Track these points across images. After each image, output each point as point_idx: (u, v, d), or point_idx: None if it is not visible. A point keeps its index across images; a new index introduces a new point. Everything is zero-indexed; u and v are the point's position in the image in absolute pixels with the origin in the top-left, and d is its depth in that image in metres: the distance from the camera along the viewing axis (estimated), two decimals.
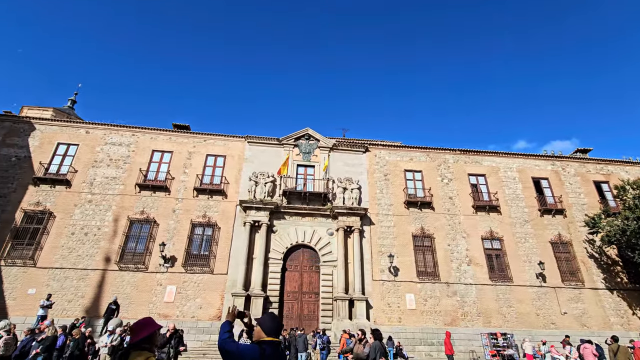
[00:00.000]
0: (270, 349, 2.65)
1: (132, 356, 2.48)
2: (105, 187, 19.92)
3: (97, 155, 20.76)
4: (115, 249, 18.41)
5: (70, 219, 18.78)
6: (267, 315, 3.01)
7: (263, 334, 2.76)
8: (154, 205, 19.85)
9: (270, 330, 2.79)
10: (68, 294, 17.05)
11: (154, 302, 17.52)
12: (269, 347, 2.66)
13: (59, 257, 17.85)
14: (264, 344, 2.69)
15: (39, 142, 20.59)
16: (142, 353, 2.50)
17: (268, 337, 2.75)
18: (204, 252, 19.18)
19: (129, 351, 2.56)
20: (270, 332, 2.78)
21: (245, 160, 21.98)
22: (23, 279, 17.12)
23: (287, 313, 18.39)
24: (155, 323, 2.80)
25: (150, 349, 2.61)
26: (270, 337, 2.75)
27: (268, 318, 2.92)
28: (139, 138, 21.73)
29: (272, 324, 2.84)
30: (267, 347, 2.65)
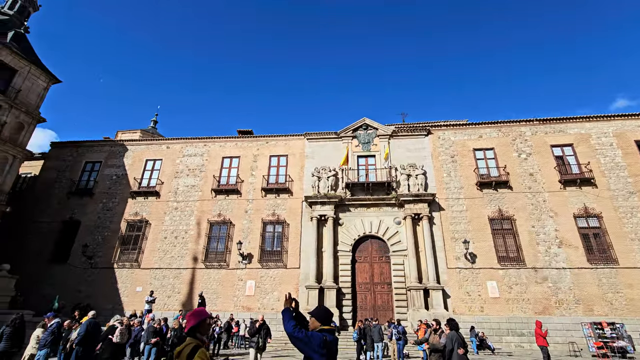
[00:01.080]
0: (329, 335, 3.06)
1: (184, 343, 2.74)
2: (187, 195, 22.20)
3: (177, 167, 23.21)
4: (200, 250, 20.46)
5: (162, 225, 21.37)
6: (319, 307, 3.41)
7: (318, 323, 3.17)
8: (228, 208, 21.53)
9: (324, 320, 3.21)
10: (167, 291, 19.49)
11: (237, 296, 19.07)
12: (328, 334, 3.07)
13: (157, 258, 20.47)
14: (323, 331, 3.08)
15: (131, 161, 23.76)
16: (192, 341, 2.73)
17: (324, 326, 3.15)
18: (276, 248, 20.25)
19: (185, 338, 2.85)
20: (324, 321, 3.20)
21: (306, 157, 22.53)
22: (131, 278, 20.06)
23: (361, 304, 18.52)
24: (204, 314, 2.99)
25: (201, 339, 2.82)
26: (326, 326, 3.16)
27: (321, 310, 3.32)
28: (210, 147, 23.72)
29: (325, 315, 3.26)
30: (327, 334, 3.05)
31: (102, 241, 21.17)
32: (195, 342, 2.71)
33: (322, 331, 3.07)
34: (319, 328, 3.14)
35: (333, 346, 3.08)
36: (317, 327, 3.15)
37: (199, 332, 2.85)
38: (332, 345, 3.06)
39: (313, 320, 3.22)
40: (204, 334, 2.92)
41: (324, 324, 3.16)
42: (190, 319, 2.89)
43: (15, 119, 19.79)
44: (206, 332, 2.99)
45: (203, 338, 2.85)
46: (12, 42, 20.78)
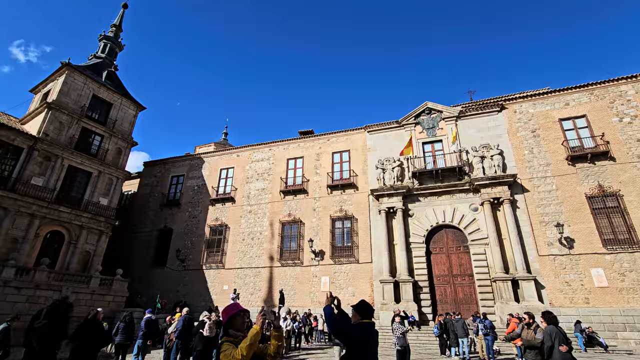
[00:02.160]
0: (368, 328, 3.34)
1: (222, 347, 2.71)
2: (258, 198, 23.52)
3: (247, 172, 24.74)
4: (275, 249, 21.49)
5: (239, 228, 22.98)
6: (360, 302, 3.62)
7: (359, 317, 3.44)
8: (297, 207, 22.24)
9: (364, 314, 3.48)
10: (249, 288, 20.88)
11: (313, 292, 19.58)
12: (368, 327, 3.36)
13: (238, 259, 22.08)
14: (364, 325, 3.35)
15: (208, 171, 26.02)
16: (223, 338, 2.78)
17: (364, 320, 3.42)
18: (347, 244, 20.28)
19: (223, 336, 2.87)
20: (365, 315, 3.48)
21: (369, 150, 22.14)
22: (218, 278, 21.96)
23: (440, 297, 17.56)
24: (236, 308, 3.00)
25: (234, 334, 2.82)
26: (366, 319, 3.44)
27: (361, 305, 3.57)
28: (274, 151, 24.79)
29: (365, 309, 3.51)
30: (367, 327, 3.34)
31: (191, 246, 23.59)
32: (224, 338, 2.76)
33: (362, 324, 3.36)
34: (359, 321, 3.42)
35: (372, 338, 3.34)
36: (358, 320, 3.44)
37: (232, 328, 2.88)
38: (371, 337, 3.32)
39: (354, 313, 3.50)
40: (239, 329, 2.93)
41: (364, 318, 3.44)
42: (223, 316, 2.94)
43: (115, 146, 23.13)
44: (240, 327, 2.94)
45: (237, 333, 2.85)
46: (107, 80, 24.32)
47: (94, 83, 22.77)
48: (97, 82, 23.01)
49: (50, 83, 22.41)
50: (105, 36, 27.33)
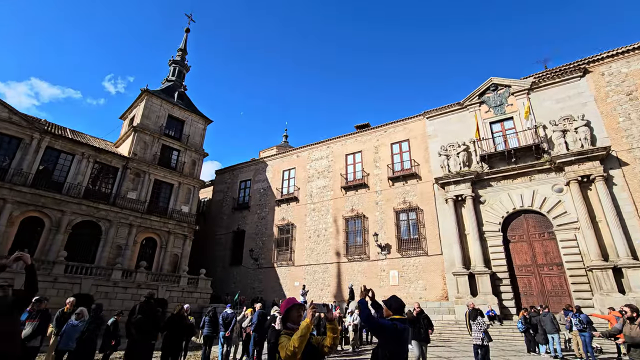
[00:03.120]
0: (400, 324, 3.39)
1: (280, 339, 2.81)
2: (320, 196, 23.98)
3: (308, 172, 25.38)
4: (341, 245, 21.71)
5: (305, 226, 23.71)
6: (392, 297, 3.70)
7: (390, 312, 3.54)
8: (359, 202, 22.15)
9: (396, 309, 3.58)
10: (319, 284, 21.43)
11: (382, 286, 19.32)
12: (399, 322, 3.40)
13: (306, 256, 22.80)
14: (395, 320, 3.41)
15: (272, 174, 27.32)
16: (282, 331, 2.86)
17: (395, 315, 3.52)
18: (414, 236, 19.59)
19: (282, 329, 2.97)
20: (396, 311, 3.57)
21: (429, 137, 21.08)
22: (288, 275, 22.96)
23: (524, 289, 15.97)
24: (292, 301, 3.05)
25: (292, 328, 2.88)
26: (397, 315, 3.53)
27: (393, 300, 3.66)
28: (332, 148, 25.01)
29: (396, 305, 3.60)
30: (398, 322, 3.39)
31: (262, 245, 25.04)
32: (283, 331, 2.84)
33: (393, 320, 3.44)
34: (390, 317, 3.52)
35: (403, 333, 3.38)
36: (390, 315, 3.55)
37: (289, 322, 2.97)
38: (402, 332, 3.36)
39: (386, 309, 3.61)
40: (295, 322, 2.98)
41: (395, 313, 3.54)
42: (281, 310, 3.04)
43: (190, 158, 25.61)
44: (296, 320, 3.00)
45: (294, 326, 2.91)
46: (178, 100, 27.03)
47: (168, 104, 25.49)
48: (170, 103, 25.72)
49: (134, 109, 25.66)
50: (173, 60, 30.41)
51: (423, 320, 8.82)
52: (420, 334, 8.61)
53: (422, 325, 8.73)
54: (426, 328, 8.70)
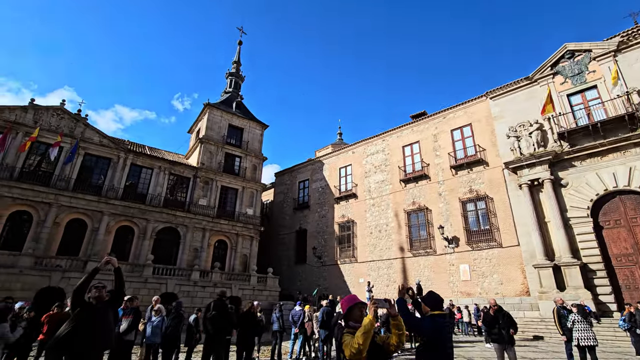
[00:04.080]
0: (440, 319, 3.32)
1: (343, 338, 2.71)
2: (379, 191, 23.48)
3: (364, 167, 25.03)
4: (404, 239, 21.01)
5: (365, 222, 23.43)
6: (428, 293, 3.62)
7: (428, 308, 3.44)
8: (420, 194, 21.21)
9: (434, 305, 3.47)
10: (384, 280, 21.01)
11: (452, 282, 18.25)
12: (439, 318, 3.33)
13: (368, 252, 22.52)
14: (434, 316, 3.32)
15: (328, 172, 27.51)
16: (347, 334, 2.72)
17: (434, 311, 3.40)
18: (484, 227, 18.15)
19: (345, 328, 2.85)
20: (434, 306, 3.46)
21: (495, 119, 19.34)
22: (352, 272, 22.89)
23: (626, 282, 13.79)
24: (353, 299, 2.91)
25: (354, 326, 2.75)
26: (436, 311, 3.42)
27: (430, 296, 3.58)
28: (388, 141, 24.31)
29: (434, 301, 3.50)
30: (438, 318, 3.32)
31: (324, 243, 25.35)
32: (345, 330, 2.75)
33: (432, 316, 3.35)
34: (429, 313, 3.42)
35: (442, 329, 3.30)
36: (428, 312, 3.44)
37: (352, 320, 2.86)
38: (441, 328, 3.29)
39: (423, 306, 3.51)
40: (357, 320, 2.86)
41: (433, 309, 3.43)
42: (342, 309, 2.95)
43: (250, 163, 26.97)
44: (358, 318, 2.88)
45: (356, 325, 2.78)
46: (237, 110, 28.64)
47: (228, 114, 27.16)
48: (230, 113, 27.36)
49: (199, 122, 27.80)
50: (230, 73, 32.32)
51: (503, 319, 7.62)
52: (500, 335, 7.44)
53: (503, 324, 7.54)
54: (507, 328, 7.50)
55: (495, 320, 7.67)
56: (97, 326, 3.64)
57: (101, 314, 3.81)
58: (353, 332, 2.80)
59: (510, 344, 7.27)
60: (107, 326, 3.89)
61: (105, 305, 3.98)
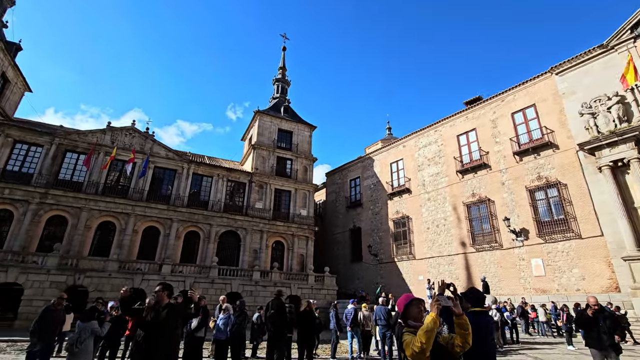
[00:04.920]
0: (480, 317, 3.22)
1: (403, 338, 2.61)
2: (434, 184, 22.44)
3: (417, 160, 24.10)
4: (465, 234, 19.81)
5: (421, 217, 22.55)
6: (469, 290, 3.57)
7: (468, 304, 3.37)
8: (480, 185, 19.83)
9: (473, 301, 3.41)
10: (445, 277, 19.97)
11: (524, 277, 16.76)
12: (480, 315, 3.25)
13: (427, 248, 21.63)
14: (475, 313, 3.23)
15: (379, 168, 26.99)
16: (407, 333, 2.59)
17: (475, 308, 3.35)
18: (558, 217, 16.38)
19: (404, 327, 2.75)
20: (474, 303, 3.40)
21: (563, 96, 17.37)
22: (411, 269, 22.17)
23: None
24: (409, 296, 2.82)
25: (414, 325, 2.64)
26: (477, 307, 3.36)
27: (470, 292, 3.53)
28: (440, 131, 23.12)
29: (474, 297, 3.45)
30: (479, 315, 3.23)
31: (379, 240, 24.92)
32: (405, 329, 2.65)
33: (473, 312, 3.25)
34: (470, 309, 3.33)
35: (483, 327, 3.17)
36: (468, 308, 3.35)
37: (410, 319, 2.74)
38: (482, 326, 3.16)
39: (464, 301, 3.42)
40: (416, 319, 2.74)
41: (474, 306, 3.36)
42: (398, 308, 2.84)
43: (301, 165, 27.52)
44: (416, 316, 2.76)
45: (416, 324, 2.67)
46: (285, 114, 29.42)
47: (277, 119, 28.04)
48: (278, 117, 28.22)
49: (251, 129, 29.08)
50: (276, 79, 33.33)
51: (604, 321, 6.22)
52: (600, 340, 6.11)
53: (604, 328, 6.18)
54: (610, 332, 6.13)
55: (594, 323, 6.28)
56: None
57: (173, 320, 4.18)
58: (413, 331, 2.71)
59: (614, 352, 5.98)
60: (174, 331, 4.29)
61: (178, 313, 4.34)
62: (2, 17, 23.83)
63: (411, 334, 2.63)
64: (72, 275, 16.06)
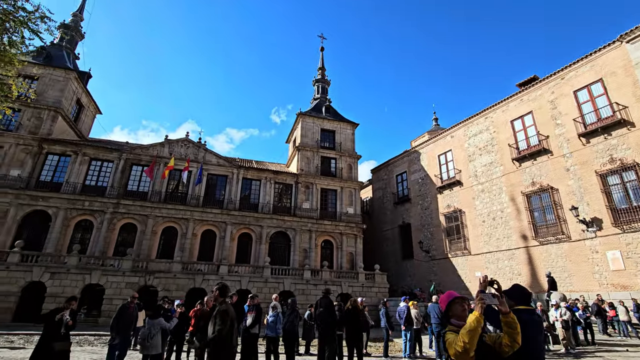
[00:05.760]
0: (525, 315, 2.90)
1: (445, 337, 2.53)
2: (488, 174, 21.08)
3: (467, 150, 22.82)
4: (525, 226, 18.36)
5: (475, 210, 21.32)
6: (513, 286, 3.27)
7: (512, 302, 3.02)
8: (540, 173, 18.24)
9: (518, 299, 3.10)
10: (506, 274, 18.71)
11: (599, 272, 15.08)
12: (525, 314, 2.92)
13: (483, 243, 20.40)
14: (520, 311, 2.91)
15: (427, 161, 26.01)
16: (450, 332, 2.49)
17: (520, 306, 3.04)
18: (638, 203, 14.48)
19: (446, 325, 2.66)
20: (519, 301, 3.10)
21: (637, 66, 15.33)
22: (466, 265, 21.06)
23: None
24: (452, 294, 2.70)
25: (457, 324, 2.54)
26: (522, 306, 3.05)
27: (514, 289, 3.22)
28: (492, 118, 21.65)
29: (518, 294, 3.14)
30: (523, 314, 2.89)
31: (430, 236, 24.03)
32: (448, 328, 2.58)
33: (517, 311, 2.87)
34: (514, 308, 3.00)
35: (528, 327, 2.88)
36: (512, 306, 3.00)
37: (454, 318, 2.65)
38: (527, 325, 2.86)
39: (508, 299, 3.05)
40: (460, 317, 2.63)
41: (519, 303, 3.09)
42: (441, 306, 2.76)
43: (345, 163, 27.52)
44: (460, 315, 2.66)
45: (460, 323, 2.57)
46: (327, 114, 29.63)
47: (319, 120, 28.35)
48: (320, 118, 28.51)
49: (295, 131, 29.73)
50: (316, 80, 33.67)
51: None
52: None
53: None
54: None
55: None
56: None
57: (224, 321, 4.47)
58: (456, 330, 2.64)
59: None
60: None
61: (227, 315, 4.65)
62: (74, 49, 27.08)
63: (454, 333, 2.56)
64: (143, 276, 17.75)
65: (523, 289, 3.21)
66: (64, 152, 21.12)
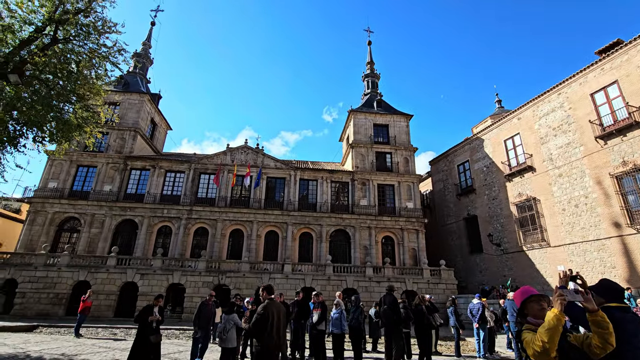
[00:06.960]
0: (618, 313, 2.65)
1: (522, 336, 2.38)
2: (565, 157, 18.90)
3: (538, 132, 20.69)
4: (617, 212, 16.09)
5: (552, 198, 19.24)
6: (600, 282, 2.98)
7: (602, 299, 2.81)
8: (632, 150, 15.83)
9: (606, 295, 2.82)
10: (596, 267, 16.59)
11: None
12: (617, 312, 2.67)
13: (565, 233, 18.33)
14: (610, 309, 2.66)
15: (491, 148, 24.14)
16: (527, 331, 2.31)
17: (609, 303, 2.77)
18: None
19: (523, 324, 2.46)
20: (608, 297, 2.81)
21: None
22: (546, 258, 19.09)
23: None
24: (528, 291, 2.52)
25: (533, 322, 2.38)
26: (612, 303, 2.77)
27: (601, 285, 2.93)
28: (566, 93, 19.34)
29: (606, 290, 2.86)
30: (615, 312, 2.64)
31: (501, 228, 22.25)
32: (525, 326, 2.43)
33: (608, 309, 2.63)
34: (604, 305, 2.74)
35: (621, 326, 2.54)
36: (602, 303, 2.78)
37: (530, 316, 2.50)
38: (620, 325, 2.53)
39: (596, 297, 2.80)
40: (536, 316, 2.45)
41: (609, 300, 2.80)
42: (515, 301, 2.59)
43: (401, 157, 26.75)
44: (537, 313, 2.47)
45: (537, 321, 2.42)
46: (378, 108, 29.12)
47: (371, 115, 27.98)
48: (372, 113, 28.11)
49: (347, 129, 29.72)
50: (365, 75, 33.27)
51: None
52: None
53: None
54: None
55: None
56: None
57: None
58: (533, 329, 2.49)
59: None
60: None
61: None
62: (146, 74, 30.32)
63: (531, 332, 2.42)
64: (217, 275, 19.22)
65: (612, 283, 2.86)
66: (144, 166, 23.80)
